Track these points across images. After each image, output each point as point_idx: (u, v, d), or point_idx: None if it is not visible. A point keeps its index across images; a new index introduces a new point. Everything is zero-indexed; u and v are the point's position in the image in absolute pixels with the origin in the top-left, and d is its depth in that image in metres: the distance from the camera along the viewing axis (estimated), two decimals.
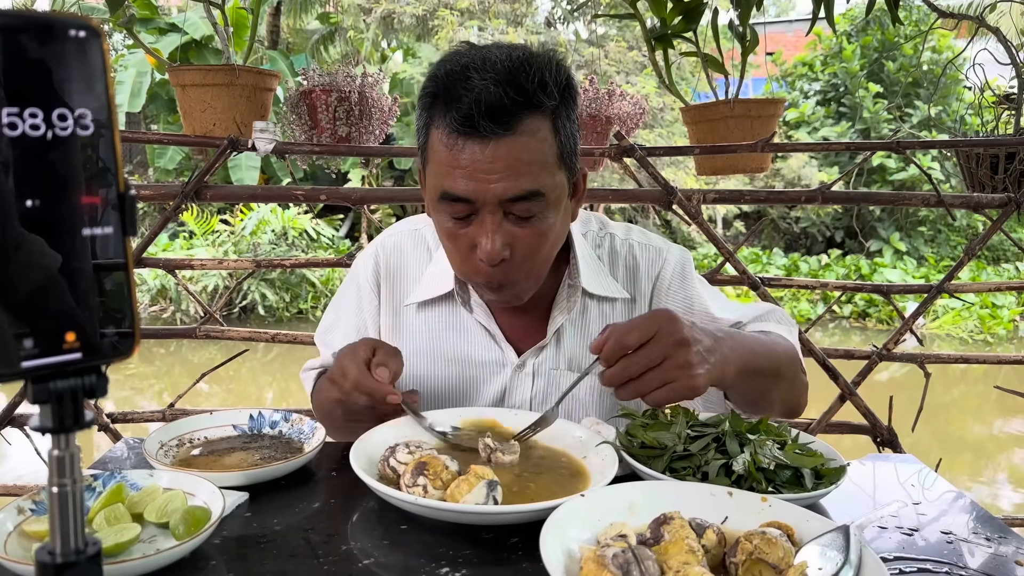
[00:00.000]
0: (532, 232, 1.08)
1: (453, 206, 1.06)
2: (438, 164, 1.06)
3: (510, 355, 1.25)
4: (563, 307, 1.25)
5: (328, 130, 2.30)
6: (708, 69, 2.42)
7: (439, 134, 1.05)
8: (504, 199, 1.04)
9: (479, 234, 1.07)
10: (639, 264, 1.31)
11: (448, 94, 1.03)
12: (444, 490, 0.87)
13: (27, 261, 0.39)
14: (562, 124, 1.07)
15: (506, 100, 1.00)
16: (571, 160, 1.11)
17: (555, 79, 1.05)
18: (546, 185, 1.06)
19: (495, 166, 1.02)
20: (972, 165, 2.38)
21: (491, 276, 1.10)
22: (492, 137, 1.01)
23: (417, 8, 11.31)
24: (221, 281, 8.88)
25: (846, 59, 11.96)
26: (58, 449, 0.43)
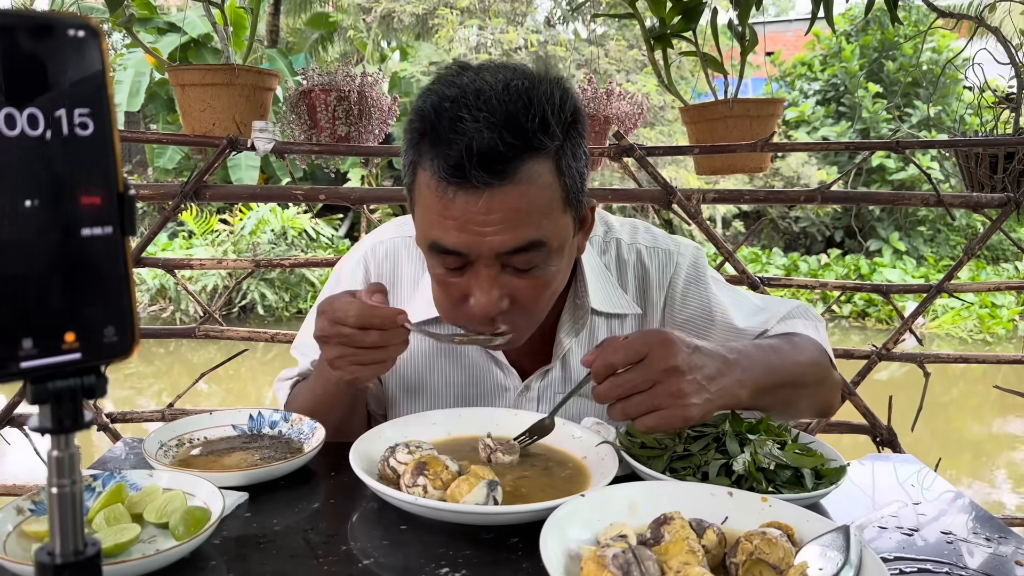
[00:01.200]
0: (533, 283, 0.99)
1: (444, 258, 0.98)
2: (426, 211, 0.96)
3: (514, 379, 1.20)
4: (569, 329, 1.18)
5: (327, 130, 2.30)
6: (707, 69, 2.42)
7: (427, 178, 0.95)
8: (501, 252, 0.95)
9: (473, 286, 0.98)
10: (649, 272, 1.23)
11: (436, 136, 0.92)
12: (444, 490, 0.87)
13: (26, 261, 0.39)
14: (567, 164, 0.96)
15: (501, 147, 0.89)
16: (577, 199, 1.00)
17: (559, 115, 0.93)
18: (548, 233, 0.96)
19: (490, 218, 0.92)
20: (971, 165, 2.38)
21: (487, 324, 1.02)
22: (485, 187, 0.90)
23: (417, 7, 11.31)
24: (220, 281, 8.88)
25: (845, 59, 11.96)
26: (57, 449, 0.42)
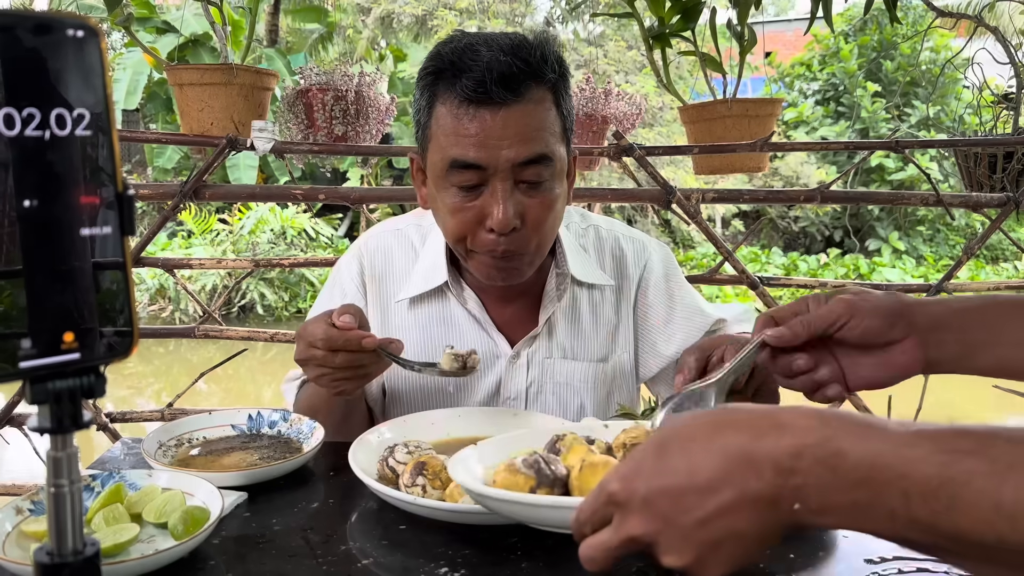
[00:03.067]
0: (541, 201, 1.10)
1: (463, 174, 1.07)
2: (446, 136, 1.08)
3: (504, 346, 1.26)
4: (553, 295, 1.26)
5: (324, 129, 2.30)
6: (706, 68, 2.42)
7: (446, 108, 1.07)
8: (516, 163, 1.06)
9: (490, 203, 1.07)
10: (625, 254, 1.34)
11: (455, 67, 1.06)
12: (443, 490, 0.87)
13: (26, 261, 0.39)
14: (561, 97, 1.11)
15: (515, 68, 1.03)
16: (569, 136, 1.15)
17: (553, 55, 1.10)
18: (553, 152, 1.09)
19: (506, 131, 1.05)
20: (970, 164, 2.38)
21: (498, 246, 1.10)
22: (503, 104, 1.04)
23: (416, 8, 11.31)
24: (220, 280, 8.88)
25: (844, 59, 11.96)
26: (56, 449, 0.43)
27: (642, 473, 0.57)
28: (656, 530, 0.56)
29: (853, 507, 0.51)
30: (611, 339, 1.29)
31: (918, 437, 0.50)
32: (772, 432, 0.54)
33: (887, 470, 0.50)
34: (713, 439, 0.56)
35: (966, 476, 0.47)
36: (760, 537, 0.55)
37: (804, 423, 0.53)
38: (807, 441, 0.52)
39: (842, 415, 0.54)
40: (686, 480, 0.55)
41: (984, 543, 0.47)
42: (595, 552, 0.60)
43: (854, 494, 0.51)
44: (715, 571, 0.56)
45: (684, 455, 0.56)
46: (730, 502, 0.54)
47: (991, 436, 0.49)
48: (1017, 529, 0.46)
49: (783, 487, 0.53)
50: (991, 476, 0.47)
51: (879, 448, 0.50)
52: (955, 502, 0.47)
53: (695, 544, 0.55)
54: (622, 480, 0.58)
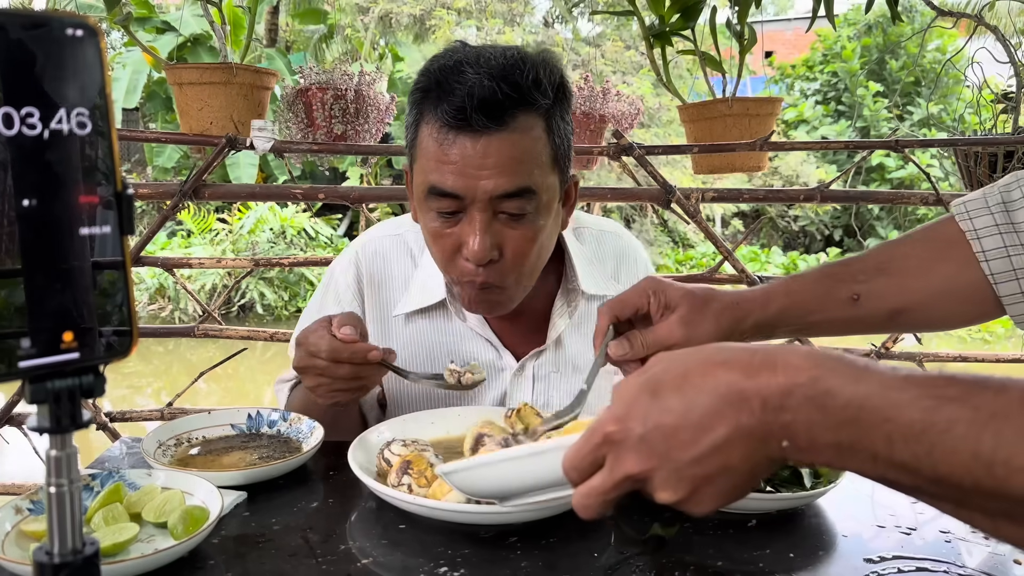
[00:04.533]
0: (522, 233, 1.05)
1: (441, 202, 1.03)
2: (427, 159, 1.04)
3: (508, 360, 1.22)
4: (563, 311, 1.22)
5: (323, 128, 2.30)
6: (706, 67, 2.42)
7: (429, 129, 1.03)
8: (495, 195, 1.01)
9: (467, 233, 1.03)
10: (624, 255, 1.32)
11: (440, 88, 1.01)
12: (428, 487, 0.88)
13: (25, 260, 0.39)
14: (556, 125, 1.05)
15: (500, 95, 0.98)
16: (564, 164, 1.08)
17: (549, 78, 1.03)
18: (538, 184, 1.03)
19: (486, 161, 0.99)
20: (971, 164, 2.38)
21: (479, 277, 1.06)
22: (484, 132, 0.99)
23: (414, 8, 11.30)
24: (219, 280, 8.87)
25: (845, 58, 11.96)
26: (56, 449, 0.42)
27: (637, 413, 0.58)
28: (651, 467, 0.57)
29: (838, 446, 0.53)
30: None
31: (906, 382, 0.51)
32: (764, 370, 0.55)
33: (873, 412, 0.51)
34: (706, 377, 0.57)
35: (948, 423, 0.49)
36: (751, 472, 0.57)
37: (797, 362, 0.54)
38: (798, 380, 0.53)
39: (835, 356, 0.55)
40: (681, 418, 0.56)
41: (962, 487, 0.49)
42: (590, 499, 0.60)
43: (840, 434, 0.52)
44: (707, 506, 0.58)
45: (678, 394, 0.57)
46: (723, 438, 0.55)
47: (979, 385, 0.50)
48: (993, 475, 0.47)
49: (772, 423, 0.54)
50: (972, 424, 0.48)
51: (867, 391, 0.52)
52: (936, 447, 0.49)
53: (689, 480, 0.56)
54: (617, 420, 0.58)
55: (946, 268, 0.93)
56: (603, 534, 0.87)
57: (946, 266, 0.93)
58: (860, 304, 0.94)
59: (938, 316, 0.96)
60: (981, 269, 0.91)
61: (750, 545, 0.85)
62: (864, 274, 0.95)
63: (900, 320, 0.96)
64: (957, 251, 0.92)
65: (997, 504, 0.49)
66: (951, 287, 0.93)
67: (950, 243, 0.93)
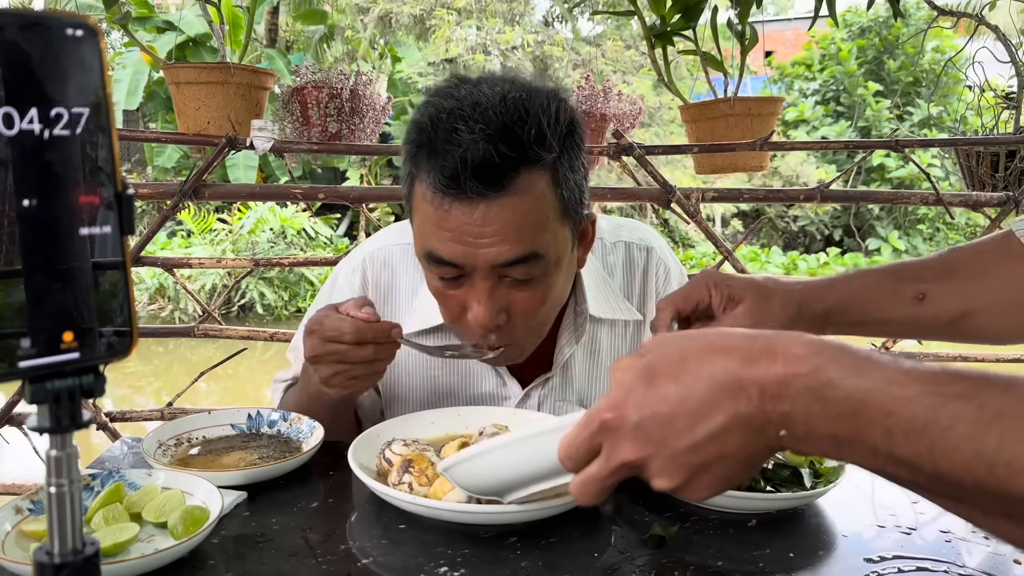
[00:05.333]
0: (530, 295, 0.99)
1: (441, 269, 0.98)
2: (423, 221, 0.97)
3: (514, 388, 1.18)
4: (570, 336, 1.17)
5: (318, 126, 2.30)
6: (707, 67, 2.42)
7: (422, 190, 0.95)
8: (496, 264, 0.94)
9: (471, 298, 0.98)
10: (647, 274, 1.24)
11: (432, 147, 0.92)
12: (429, 487, 0.88)
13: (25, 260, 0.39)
14: (564, 176, 0.96)
15: (496, 157, 0.89)
16: (576, 211, 1.00)
17: (555, 127, 0.94)
18: (545, 246, 0.95)
19: (485, 230, 0.91)
20: (972, 164, 2.38)
21: (485, 342, 1.02)
22: (481, 199, 0.90)
23: (414, 7, 11.30)
24: (219, 280, 8.87)
25: (843, 59, 11.96)
26: (56, 449, 0.42)
27: (633, 400, 0.57)
28: (647, 455, 0.57)
29: (836, 438, 0.52)
30: None
31: (909, 377, 0.50)
32: (764, 358, 0.54)
33: (875, 406, 0.50)
34: (703, 364, 0.56)
35: (951, 420, 0.48)
36: (747, 460, 0.56)
37: (797, 351, 0.53)
38: (799, 370, 0.53)
39: (837, 346, 0.54)
40: (677, 406, 0.55)
41: (962, 485, 0.48)
42: (587, 486, 0.60)
43: (839, 426, 0.51)
44: (704, 493, 0.58)
45: (674, 381, 0.56)
46: (720, 427, 0.54)
47: (983, 382, 0.49)
48: (995, 476, 0.46)
49: (770, 412, 0.53)
50: (976, 423, 0.47)
51: (869, 384, 0.51)
52: (937, 444, 0.48)
53: (685, 467, 0.56)
54: (614, 407, 0.58)
55: (1011, 277, 0.91)
56: (603, 534, 0.87)
57: (1009, 274, 0.91)
58: (925, 304, 0.92)
59: (1000, 325, 0.93)
60: None
61: (750, 545, 0.85)
62: (930, 274, 0.94)
63: (964, 325, 0.93)
64: (1019, 262, 0.91)
65: (998, 503, 0.48)
66: (1014, 297, 0.91)
67: (1012, 254, 0.91)
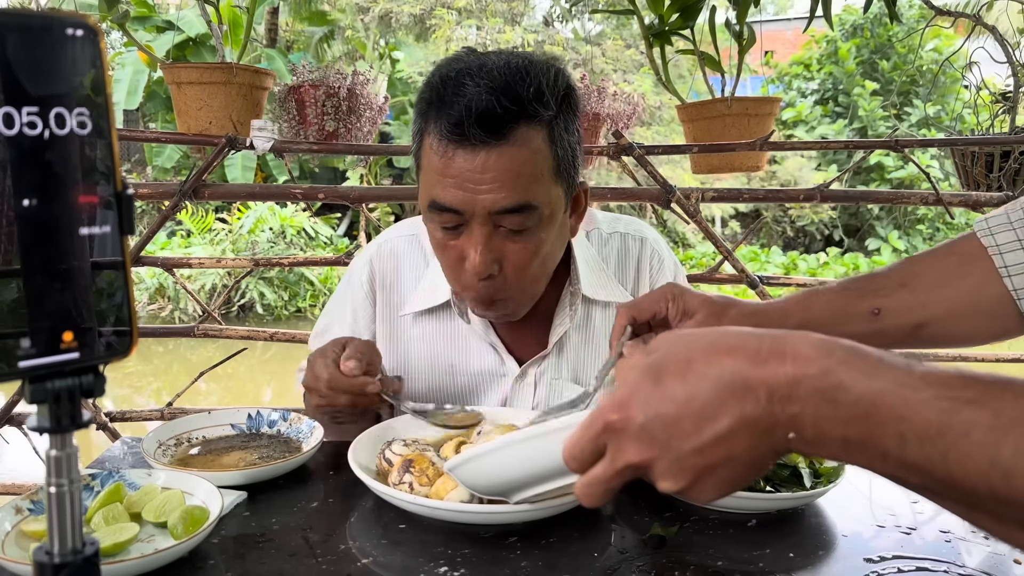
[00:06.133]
0: (523, 247, 1.05)
1: (442, 216, 1.04)
2: (429, 172, 1.04)
3: (511, 365, 1.22)
4: (565, 315, 1.22)
5: (315, 125, 2.30)
6: (705, 67, 2.42)
7: (431, 141, 1.02)
8: (493, 211, 1.00)
9: (467, 246, 1.04)
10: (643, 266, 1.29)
11: (441, 101, 1.00)
12: (430, 486, 0.88)
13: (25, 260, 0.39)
14: (559, 135, 1.03)
15: (498, 108, 0.96)
16: (569, 173, 1.07)
17: (553, 88, 1.02)
18: (539, 198, 1.02)
19: (485, 176, 0.99)
20: (967, 163, 2.38)
21: (481, 290, 1.07)
22: (482, 146, 0.98)
23: (414, 7, 11.30)
24: (219, 280, 8.87)
25: (842, 58, 11.96)
26: (56, 449, 0.42)
27: (638, 400, 0.56)
28: (653, 457, 0.56)
29: (846, 441, 0.51)
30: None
31: (923, 381, 0.49)
32: (772, 359, 0.53)
33: (887, 410, 0.49)
34: (710, 364, 0.55)
35: (966, 426, 0.47)
36: (754, 462, 0.55)
37: (807, 352, 0.52)
38: (808, 371, 0.52)
39: (847, 346, 0.52)
40: (683, 407, 0.54)
41: (976, 493, 0.47)
42: (592, 488, 0.60)
43: (849, 429, 0.50)
44: (710, 495, 0.57)
45: (680, 381, 0.55)
46: (726, 428, 0.53)
47: (999, 387, 0.47)
48: (1012, 485, 0.45)
49: (779, 414, 0.52)
50: (992, 430, 0.46)
51: (881, 387, 0.50)
52: (951, 451, 0.47)
53: (691, 469, 0.55)
54: (618, 409, 0.57)
55: (968, 282, 0.91)
56: (603, 534, 0.87)
57: (968, 280, 0.92)
58: (881, 318, 0.93)
59: (961, 331, 0.94)
60: (1004, 284, 0.89)
61: (750, 545, 0.85)
62: (885, 288, 0.94)
63: (923, 335, 0.94)
64: (979, 266, 0.91)
65: (1012, 512, 0.47)
66: (973, 302, 0.91)
67: (972, 258, 0.92)
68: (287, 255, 8.81)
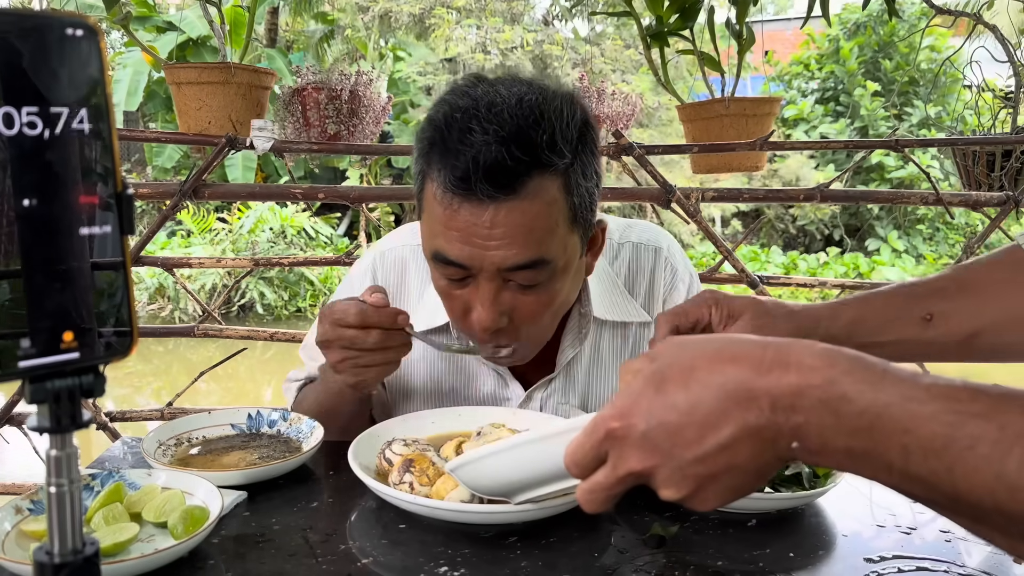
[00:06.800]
0: (535, 300, 0.98)
1: (447, 269, 0.98)
2: (432, 221, 0.97)
3: (516, 390, 1.18)
4: (573, 338, 1.17)
5: (318, 127, 2.30)
6: (704, 67, 2.42)
7: (433, 188, 0.95)
8: (503, 268, 0.94)
9: (474, 299, 0.98)
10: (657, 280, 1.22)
11: (445, 146, 0.92)
12: (430, 486, 0.88)
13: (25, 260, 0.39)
14: (575, 183, 0.95)
15: (509, 161, 0.89)
16: (586, 219, 1.00)
17: (568, 133, 0.93)
18: (553, 252, 0.95)
19: (494, 232, 0.91)
20: (968, 163, 2.38)
21: (487, 340, 1.02)
22: (491, 201, 0.90)
23: (414, 7, 11.30)
24: (219, 279, 8.87)
25: (844, 57, 11.96)
26: (56, 449, 0.42)
27: (640, 408, 0.56)
28: (654, 465, 0.56)
29: (850, 452, 0.51)
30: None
31: (929, 393, 0.49)
32: (776, 368, 0.53)
33: (891, 422, 0.49)
34: (713, 372, 0.54)
35: (971, 440, 0.46)
36: (758, 471, 0.55)
37: (811, 361, 0.52)
38: (812, 381, 0.51)
39: (852, 356, 0.52)
40: (686, 416, 0.54)
41: (981, 507, 0.47)
42: (594, 494, 0.60)
43: (853, 440, 0.50)
44: (712, 503, 0.56)
45: (683, 389, 0.55)
46: (729, 438, 0.53)
47: (1005, 401, 0.47)
48: (1017, 499, 0.45)
49: (783, 424, 0.52)
50: (998, 444, 0.46)
51: (887, 399, 0.49)
52: (957, 464, 0.47)
53: (693, 478, 0.55)
54: (620, 416, 0.56)
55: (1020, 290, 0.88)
56: (603, 534, 0.87)
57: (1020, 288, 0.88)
58: (934, 324, 0.89)
59: (1014, 342, 0.89)
60: None
61: (750, 545, 0.85)
62: (938, 293, 0.91)
63: (975, 344, 0.90)
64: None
65: (1017, 526, 0.47)
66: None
67: (1021, 267, 0.88)
68: (287, 255, 8.81)
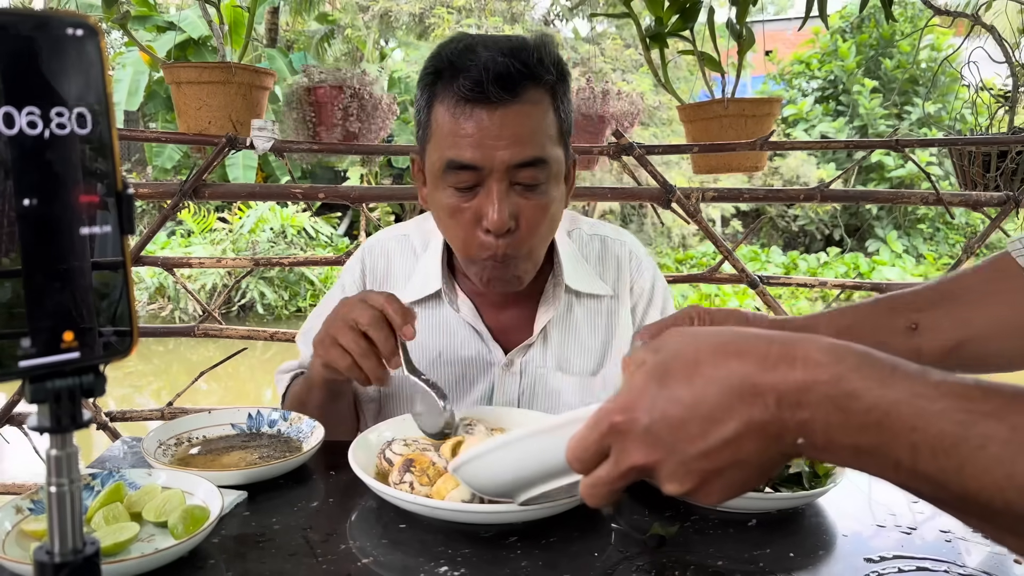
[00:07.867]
0: (536, 203, 1.10)
1: (459, 175, 1.08)
2: (443, 136, 1.08)
3: (497, 354, 1.25)
4: (550, 303, 1.25)
5: (339, 127, 2.31)
6: (705, 68, 2.42)
7: (444, 107, 1.07)
8: (511, 165, 1.06)
9: (485, 204, 1.07)
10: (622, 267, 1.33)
11: (454, 67, 1.06)
12: (430, 486, 0.88)
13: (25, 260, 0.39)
14: (560, 100, 1.11)
15: (512, 69, 1.03)
16: (567, 141, 1.15)
17: (551, 59, 1.09)
18: (550, 154, 1.09)
19: (503, 132, 1.05)
20: (965, 163, 2.38)
21: (496, 249, 1.09)
22: (500, 104, 1.04)
23: (414, 6, 11.30)
24: (219, 279, 8.87)
25: (843, 56, 11.96)
26: (56, 448, 0.42)
27: (643, 402, 0.55)
28: (658, 459, 0.55)
29: (857, 449, 0.50)
30: (604, 351, 1.28)
31: (938, 390, 0.48)
32: (782, 363, 0.52)
33: (900, 420, 0.48)
34: (718, 367, 0.54)
35: (982, 439, 0.46)
36: (762, 466, 0.54)
37: (817, 357, 0.51)
38: (819, 377, 0.51)
39: (860, 352, 0.51)
40: (689, 410, 0.54)
41: (991, 507, 0.46)
42: (596, 488, 0.59)
43: (861, 437, 0.49)
44: (715, 498, 0.56)
45: (687, 383, 0.54)
46: (733, 433, 0.53)
47: (1017, 401, 0.46)
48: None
49: (788, 420, 0.51)
50: (1008, 444, 0.45)
51: (895, 396, 0.49)
52: (967, 464, 0.46)
53: (697, 473, 0.55)
54: (624, 410, 0.56)
55: (1011, 299, 0.88)
56: (603, 534, 0.87)
57: (1011, 297, 0.88)
58: (919, 333, 0.90)
59: (1000, 351, 0.89)
60: None
61: (750, 545, 0.85)
62: (923, 302, 0.91)
63: (962, 354, 0.90)
64: (1016, 283, 0.87)
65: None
66: (1012, 321, 0.88)
67: (1009, 275, 0.88)
68: (287, 255, 8.81)
